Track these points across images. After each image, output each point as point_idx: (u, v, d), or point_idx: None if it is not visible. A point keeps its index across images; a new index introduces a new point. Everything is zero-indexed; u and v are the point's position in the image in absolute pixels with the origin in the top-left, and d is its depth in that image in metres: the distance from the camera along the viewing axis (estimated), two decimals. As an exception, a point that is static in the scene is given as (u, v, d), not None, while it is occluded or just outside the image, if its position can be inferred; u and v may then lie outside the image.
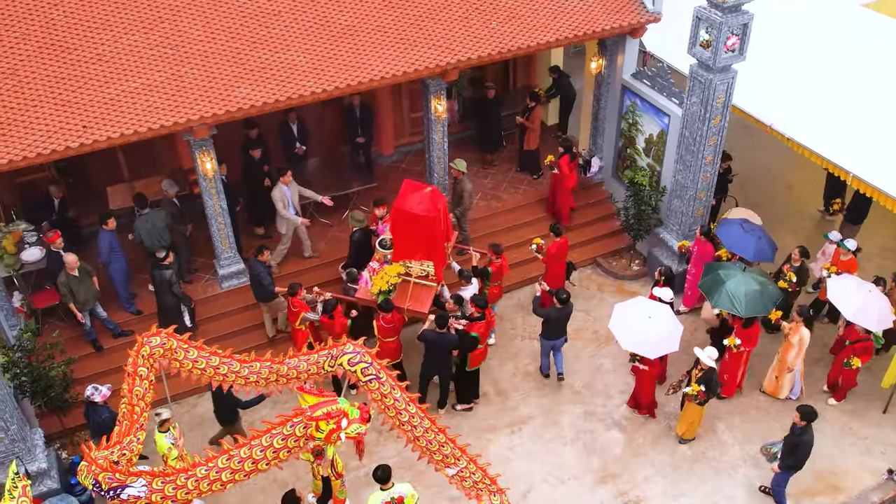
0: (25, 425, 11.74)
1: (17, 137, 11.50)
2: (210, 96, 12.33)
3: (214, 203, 13.78)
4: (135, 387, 9.99)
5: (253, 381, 10.50)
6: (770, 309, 12.72)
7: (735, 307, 12.58)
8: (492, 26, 13.95)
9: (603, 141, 16.67)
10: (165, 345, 10.21)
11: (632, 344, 12.48)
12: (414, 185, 13.24)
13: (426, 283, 13.27)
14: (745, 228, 14.03)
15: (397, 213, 12.99)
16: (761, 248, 13.85)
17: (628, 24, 14.56)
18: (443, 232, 13.19)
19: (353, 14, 13.55)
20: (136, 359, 10.13)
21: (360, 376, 10.14)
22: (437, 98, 14.47)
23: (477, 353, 13.01)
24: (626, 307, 12.79)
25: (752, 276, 12.82)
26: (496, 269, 13.90)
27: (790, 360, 13.10)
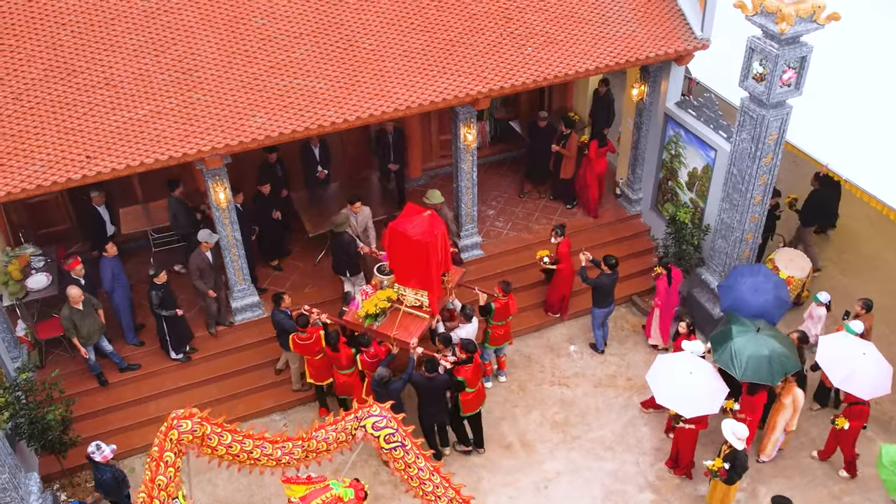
0: (19, 471, 11.07)
1: (17, 168, 10.83)
2: (223, 125, 11.56)
3: (228, 234, 13.03)
4: (158, 475, 9.30)
5: (285, 463, 9.96)
6: (777, 380, 11.51)
7: (733, 367, 11.54)
8: (527, 52, 13.02)
9: (643, 171, 15.68)
10: (197, 431, 9.51)
11: (669, 400, 11.55)
12: (416, 209, 12.51)
13: (418, 313, 12.50)
14: (748, 287, 12.78)
15: (392, 235, 12.27)
16: (763, 312, 12.61)
17: (674, 52, 13.55)
18: (439, 261, 12.35)
19: (379, 38, 12.68)
20: (164, 443, 9.42)
21: (384, 444, 9.59)
22: (467, 126, 13.59)
23: (469, 397, 12.17)
24: (667, 360, 11.86)
25: (765, 340, 11.66)
26: (500, 307, 12.98)
27: (781, 422, 12.05)
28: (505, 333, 13.39)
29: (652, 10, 13.85)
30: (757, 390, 11.64)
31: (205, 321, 13.79)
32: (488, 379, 13.79)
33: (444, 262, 12.45)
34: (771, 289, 12.86)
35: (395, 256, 12.35)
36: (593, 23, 13.51)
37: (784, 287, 13.17)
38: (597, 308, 13.92)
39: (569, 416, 13.47)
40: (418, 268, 12.12)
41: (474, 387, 12.09)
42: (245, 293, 13.80)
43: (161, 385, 13.32)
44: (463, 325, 12.69)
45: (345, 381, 12.60)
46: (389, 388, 11.62)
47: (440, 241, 12.17)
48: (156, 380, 13.36)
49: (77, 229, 15.00)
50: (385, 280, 12.55)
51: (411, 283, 12.35)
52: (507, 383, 13.96)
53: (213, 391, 13.38)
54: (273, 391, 13.64)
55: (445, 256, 12.54)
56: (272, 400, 13.56)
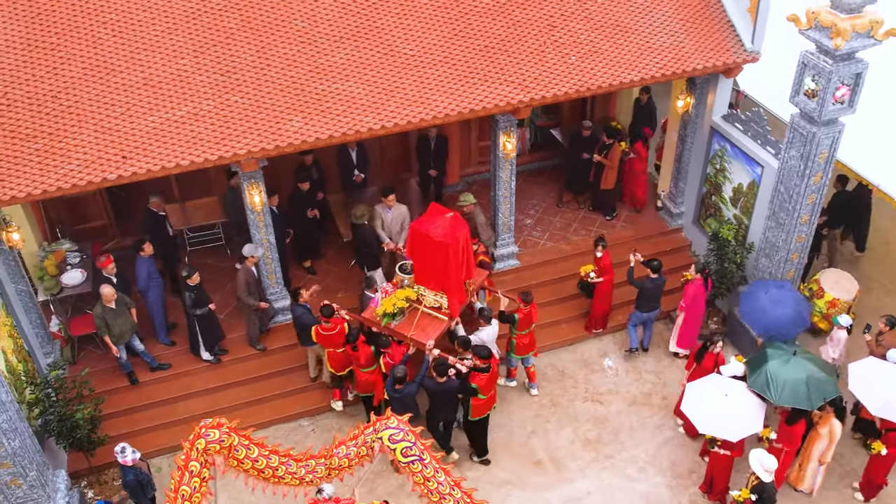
0: (47, 468, 11.08)
1: (54, 166, 10.82)
2: (260, 129, 11.45)
3: (262, 237, 12.94)
4: (182, 485, 9.14)
5: (308, 481, 9.74)
6: (815, 405, 11.07)
7: (769, 392, 11.13)
8: (570, 62, 12.72)
9: (685, 185, 15.27)
10: (225, 441, 9.34)
11: (710, 427, 11.20)
12: (439, 210, 12.41)
13: (437, 315, 12.40)
14: (771, 298, 12.57)
15: (414, 235, 12.18)
16: (777, 325, 12.41)
17: (723, 64, 13.15)
18: (460, 263, 12.24)
19: (420, 44, 12.48)
20: (190, 452, 9.26)
21: (401, 457, 9.31)
22: (507, 134, 13.34)
23: (480, 402, 12.01)
24: (699, 386, 11.50)
25: (802, 363, 11.26)
26: (523, 317, 12.81)
27: (816, 453, 11.60)
28: (530, 342, 13.21)
29: (701, 21, 13.47)
30: (796, 420, 11.23)
31: (247, 339, 13.67)
32: (513, 380, 13.78)
33: (465, 264, 12.36)
34: (792, 303, 12.59)
35: (416, 257, 12.30)
36: (639, 33, 13.17)
37: (806, 306, 12.89)
38: (638, 311, 13.85)
39: (601, 434, 13.16)
40: (438, 269, 12.06)
41: (486, 394, 11.95)
42: (277, 296, 13.70)
43: (191, 386, 13.28)
44: (483, 328, 12.57)
45: (366, 380, 12.54)
46: (403, 392, 11.54)
47: (462, 243, 12.08)
48: (186, 380, 13.34)
49: (114, 226, 15.04)
50: (406, 279, 12.52)
51: (431, 285, 12.28)
52: (539, 398, 13.69)
53: (243, 394, 13.32)
54: (302, 396, 13.52)
55: (467, 259, 12.44)
56: (301, 405, 13.45)
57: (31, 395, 11.43)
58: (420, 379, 11.71)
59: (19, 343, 11.92)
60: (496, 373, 12.07)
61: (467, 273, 12.48)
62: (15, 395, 11.00)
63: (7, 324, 11.59)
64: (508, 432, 13.19)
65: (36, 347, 12.58)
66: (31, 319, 12.44)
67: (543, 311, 14.57)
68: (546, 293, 14.75)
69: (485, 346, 11.91)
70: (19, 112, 11.13)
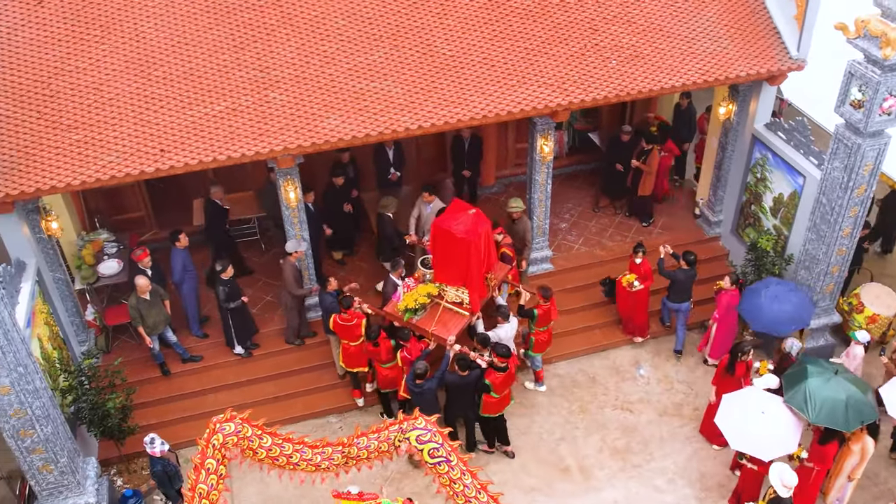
0: (78, 455, 11.23)
1: (93, 157, 10.95)
2: (296, 125, 11.48)
3: (296, 233, 12.97)
4: (199, 483, 9.19)
5: (324, 468, 9.76)
6: (851, 427, 10.78)
7: (807, 410, 10.86)
8: (611, 66, 12.58)
9: (724, 193, 15.04)
10: (240, 432, 9.40)
11: (742, 444, 10.98)
12: (462, 206, 12.39)
13: (458, 310, 12.40)
14: (770, 294, 12.65)
15: (437, 231, 12.16)
16: (772, 320, 12.51)
17: (766, 72, 12.91)
18: (482, 259, 12.24)
19: (460, 44, 12.42)
20: (206, 449, 9.32)
21: (428, 458, 9.33)
22: (545, 137, 13.23)
23: (492, 401, 12.00)
24: (736, 399, 11.29)
25: (842, 383, 10.95)
26: (543, 313, 12.78)
27: (847, 468, 11.32)
28: (548, 338, 13.20)
29: (745, 27, 13.24)
30: (829, 439, 10.99)
31: (286, 333, 13.72)
32: (542, 384, 13.79)
33: (486, 260, 12.37)
34: (793, 302, 12.58)
35: (438, 253, 12.30)
36: (682, 38, 12.98)
37: (809, 308, 12.84)
38: (669, 301, 13.89)
39: (630, 443, 13.00)
40: (460, 265, 12.06)
41: (499, 393, 11.92)
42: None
43: (222, 378, 13.37)
44: (501, 325, 12.54)
45: (387, 375, 12.58)
46: (424, 387, 11.56)
47: (483, 239, 12.09)
48: (217, 373, 13.43)
49: (151, 217, 15.19)
50: (428, 273, 12.56)
51: (452, 281, 12.30)
52: (569, 404, 13.57)
53: (272, 388, 13.37)
54: (331, 393, 13.55)
55: (489, 255, 12.44)
56: (330, 402, 13.47)
57: (64, 383, 11.58)
58: (441, 374, 11.76)
59: (55, 331, 12.07)
60: (513, 374, 12.03)
61: (488, 267, 12.51)
62: (49, 382, 11.15)
63: (44, 311, 11.75)
64: (537, 438, 13.08)
65: (71, 335, 12.74)
66: (66, 308, 12.61)
67: (576, 317, 14.52)
68: (579, 298, 14.63)
69: (504, 345, 11.85)
70: (61, 103, 11.28)
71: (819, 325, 13.47)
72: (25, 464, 10.54)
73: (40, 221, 11.85)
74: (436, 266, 12.42)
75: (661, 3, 13.24)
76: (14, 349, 9.64)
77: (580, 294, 14.65)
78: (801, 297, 12.76)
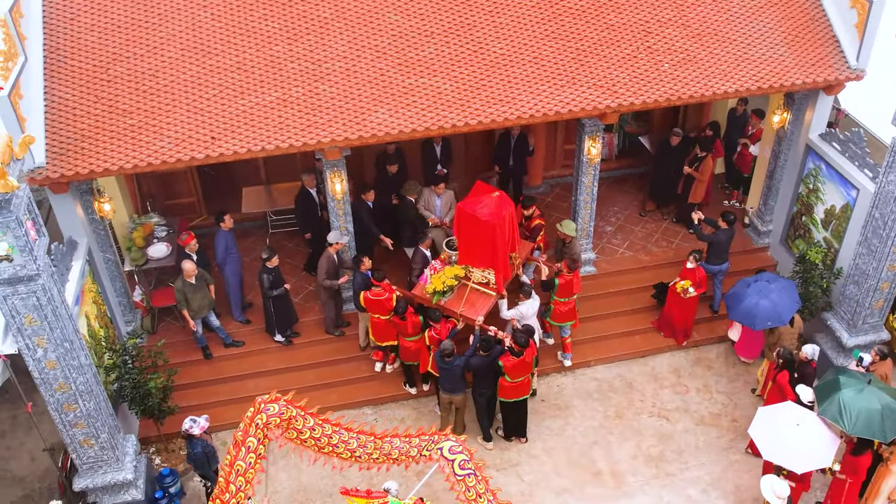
0: (118, 432, 11.50)
1: (146, 142, 11.19)
2: (345, 118, 11.59)
3: (340, 224, 13.10)
4: (237, 460, 9.34)
5: (358, 456, 9.95)
6: (889, 437, 10.55)
7: (842, 421, 10.61)
8: (663, 69, 12.45)
9: (775, 203, 14.77)
10: (284, 414, 9.54)
11: (774, 454, 10.81)
12: (485, 188, 12.49)
13: (485, 290, 12.55)
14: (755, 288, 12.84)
15: (461, 215, 12.26)
16: (747, 312, 12.72)
17: (823, 81, 12.65)
18: (507, 241, 12.34)
19: (511, 43, 12.41)
20: (249, 427, 9.45)
21: (458, 469, 9.54)
22: (593, 139, 13.15)
23: (507, 385, 12.13)
24: (771, 411, 11.10)
25: (876, 393, 10.74)
26: (564, 284, 12.84)
27: (886, 490, 11.01)
28: (569, 311, 13.26)
29: (804, 34, 12.99)
30: (862, 451, 10.77)
31: (325, 324, 13.89)
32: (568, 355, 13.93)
33: (511, 242, 12.50)
34: (773, 299, 12.71)
35: (463, 236, 12.41)
36: (737, 43, 12.78)
37: (790, 307, 12.84)
38: (709, 265, 13.88)
39: (665, 451, 12.88)
40: (486, 248, 12.18)
41: (513, 378, 11.99)
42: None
43: (262, 365, 13.57)
44: (523, 302, 12.64)
45: (408, 348, 12.79)
46: (452, 364, 11.79)
47: (508, 221, 12.18)
48: (257, 359, 13.63)
49: (202, 203, 15.47)
50: (454, 255, 12.72)
51: (478, 263, 12.43)
52: (605, 409, 13.48)
53: (310, 377, 13.53)
54: (368, 385, 13.66)
55: (513, 236, 12.56)
56: (366, 393, 13.59)
57: (109, 361, 11.86)
58: (471, 352, 12.01)
59: (102, 310, 12.38)
60: (528, 363, 12.02)
61: (512, 248, 12.66)
62: (94, 359, 11.45)
63: (93, 290, 12.05)
64: (571, 440, 13.03)
65: (118, 315, 13.06)
66: (115, 288, 12.91)
67: (617, 321, 14.44)
68: (621, 302, 14.53)
69: (522, 333, 11.90)
70: (119, 88, 11.55)
71: (866, 342, 13.16)
72: (68, 437, 10.84)
73: (93, 202, 12.14)
74: (461, 249, 12.57)
75: (717, 7, 13.05)
76: (61, 325, 9.91)
77: (622, 298, 14.54)
78: (783, 296, 12.77)
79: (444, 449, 9.63)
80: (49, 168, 10.88)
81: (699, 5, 13.04)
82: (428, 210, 14.14)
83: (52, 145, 11.03)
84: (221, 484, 9.42)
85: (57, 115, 11.24)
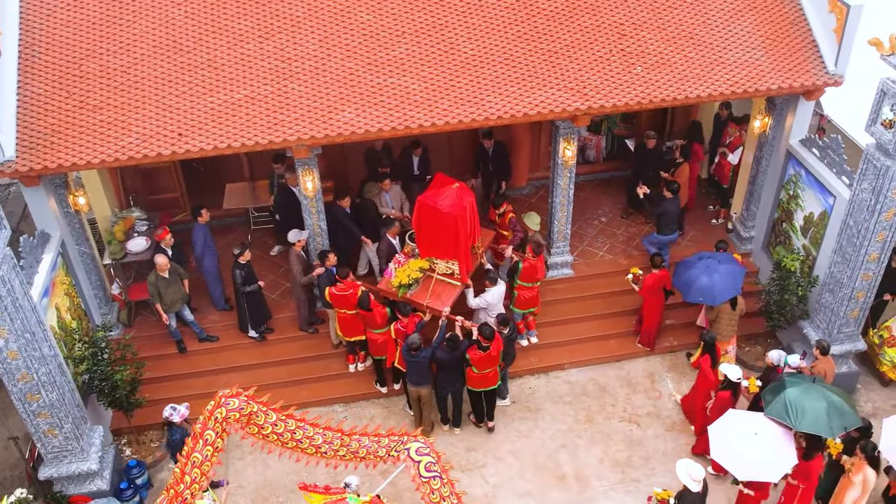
0: (84, 423, 11.67)
1: (114, 138, 11.35)
2: (311, 116, 11.65)
3: (314, 222, 13.18)
4: (193, 451, 9.48)
5: (323, 452, 10.08)
6: (835, 433, 10.54)
7: (788, 418, 10.58)
8: (636, 72, 12.36)
9: (757, 209, 14.60)
10: (244, 409, 9.66)
11: (724, 458, 10.71)
12: (445, 180, 12.52)
13: (450, 281, 12.62)
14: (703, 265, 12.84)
15: (421, 207, 12.29)
16: (691, 283, 12.73)
17: (800, 86, 12.48)
18: (468, 232, 12.38)
19: (482, 43, 12.40)
20: (207, 420, 9.60)
21: (423, 471, 9.69)
22: (567, 141, 13.09)
23: (474, 376, 12.25)
24: (723, 428, 10.95)
25: (821, 391, 10.75)
26: (528, 267, 12.97)
27: (849, 501, 10.87)
28: (532, 298, 13.36)
29: (783, 38, 12.82)
30: (812, 454, 10.68)
31: (299, 321, 13.98)
32: (522, 337, 13.91)
33: (472, 232, 12.58)
34: (721, 270, 12.71)
35: (424, 229, 12.45)
36: (713, 47, 12.65)
37: (739, 275, 12.92)
38: (661, 235, 14.21)
39: (632, 457, 12.78)
40: (448, 239, 12.23)
41: (480, 370, 12.11)
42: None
43: (235, 360, 13.70)
44: (489, 289, 12.70)
45: (377, 340, 12.84)
46: (419, 356, 11.88)
47: (468, 212, 12.24)
48: (231, 354, 13.76)
49: (185, 199, 15.63)
50: (416, 248, 12.80)
51: (439, 254, 12.51)
52: (575, 412, 13.42)
53: (282, 373, 13.63)
54: (339, 382, 13.74)
55: (474, 226, 12.64)
56: (337, 391, 13.66)
57: (78, 353, 12.03)
58: (437, 343, 12.08)
59: (76, 301, 12.57)
60: (495, 357, 12.09)
61: (474, 238, 12.76)
62: (64, 350, 11.66)
63: (65, 282, 12.24)
64: (538, 443, 12.99)
65: (94, 308, 13.24)
66: (91, 281, 13.10)
67: (593, 324, 14.38)
68: (597, 306, 14.45)
69: (488, 326, 11.93)
70: (91, 84, 11.73)
71: (842, 352, 12.98)
72: (32, 426, 11.03)
73: (67, 196, 12.33)
74: (422, 242, 12.62)
75: (694, 10, 12.93)
76: (22, 316, 10.09)
77: (599, 301, 14.47)
78: (726, 279, 12.73)
79: (412, 450, 9.77)
80: (18, 162, 11.07)
81: (676, 8, 12.92)
82: (384, 207, 14.34)
83: (23, 139, 11.22)
84: (177, 474, 9.55)
85: (29, 109, 11.44)
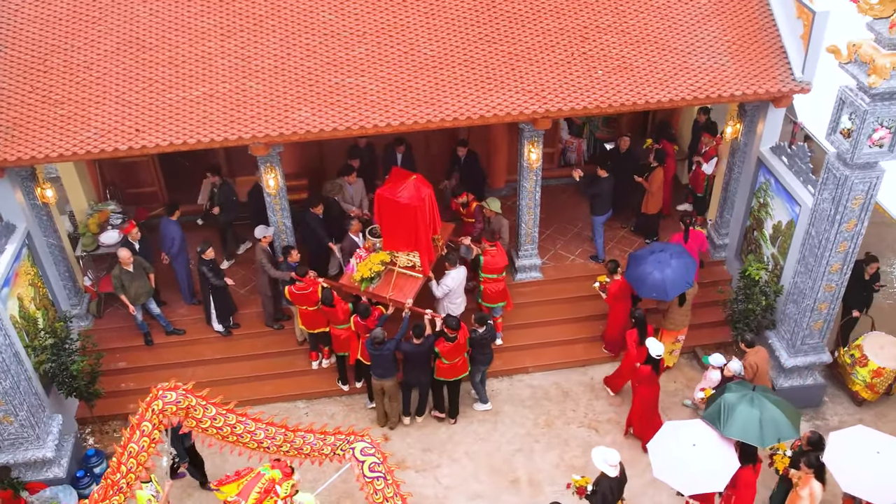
0: (42, 411, 11.89)
1: (73, 132, 11.54)
2: (268, 115, 11.74)
3: (278, 220, 13.29)
4: (130, 442, 9.59)
5: (265, 447, 10.10)
6: (766, 443, 10.35)
7: (718, 422, 10.48)
8: (597, 75, 12.26)
9: (731, 216, 14.41)
10: (181, 402, 9.74)
11: (664, 472, 10.58)
12: (402, 174, 12.60)
13: (412, 273, 12.70)
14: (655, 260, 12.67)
15: (380, 201, 12.39)
16: (643, 279, 12.61)
17: (766, 92, 12.28)
18: (427, 223, 12.49)
19: (443, 45, 12.38)
20: (145, 412, 9.70)
21: (367, 471, 9.73)
22: (531, 144, 13.03)
23: (444, 366, 12.40)
24: (661, 444, 10.82)
25: (761, 401, 10.54)
26: (490, 259, 13.01)
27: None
28: (500, 292, 13.35)
29: (750, 44, 12.62)
30: (743, 463, 10.51)
31: (265, 316, 14.10)
32: (497, 337, 13.84)
33: (432, 224, 12.69)
34: (672, 264, 12.57)
35: (384, 222, 12.56)
36: (677, 52, 12.50)
37: (692, 268, 12.82)
38: (596, 216, 14.46)
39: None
40: (408, 231, 12.33)
41: (449, 360, 12.28)
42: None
43: (200, 353, 13.85)
44: (449, 272, 12.81)
45: (340, 336, 12.90)
46: (383, 349, 11.97)
47: (427, 203, 12.35)
48: (197, 347, 13.92)
49: (164, 193, 15.83)
50: (378, 242, 12.88)
51: (402, 247, 12.58)
52: (535, 416, 13.37)
53: (246, 369, 13.76)
54: (303, 379, 13.82)
55: (434, 217, 12.74)
56: (300, 388, 13.75)
57: (38, 342, 12.26)
58: (399, 336, 12.13)
59: (42, 292, 12.80)
60: (462, 345, 12.21)
61: (434, 230, 12.83)
62: (25, 340, 11.90)
63: (31, 273, 12.47)
64: (495, 446, 12.96)
65: (62, 299, 13.47)
66: (59, 272, 13.33)
67: (559, 329, 14.33)
68: (565, 310, 14.37)
69: (454, 317, 12.06)
70: (54, 79, 11.93)
71: (806, 364, 12.77)
72: (-14, 414, 11.29)
73: (35, 189, 12.57)
74: (384, 234, 12.70)
75: (660, 14, 12.79)
76: (-27, 306, 10.33)
77: (566, 306, 14.38)
78: (678, 273, 12.59)
79: (357, 450, 9.80)
80: (-21, 154, 11.32)
81: (641, 12, 12.79)
82: (346, 202, 14.45)
83: (-15, 133, 11.47)
84: (113, 464, 9.69)
85: (-8, 103, 11.70)
